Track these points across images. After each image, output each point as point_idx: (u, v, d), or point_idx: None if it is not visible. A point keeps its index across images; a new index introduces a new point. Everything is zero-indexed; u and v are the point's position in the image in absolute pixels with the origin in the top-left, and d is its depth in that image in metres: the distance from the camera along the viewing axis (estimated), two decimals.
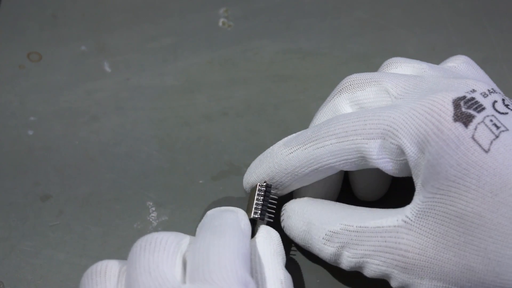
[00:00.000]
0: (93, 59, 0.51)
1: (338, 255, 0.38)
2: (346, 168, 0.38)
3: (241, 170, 0.45)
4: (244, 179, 0.41)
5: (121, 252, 0.42)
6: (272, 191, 0.40)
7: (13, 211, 0.44)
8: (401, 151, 0.36)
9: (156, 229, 0.43)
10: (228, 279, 0.32)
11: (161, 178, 0.45)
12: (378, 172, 0.42)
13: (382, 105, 0.38)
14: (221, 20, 0.53)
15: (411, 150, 0.35)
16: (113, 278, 0.34)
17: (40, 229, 0.43)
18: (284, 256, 0.38)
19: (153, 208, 0.44)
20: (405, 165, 0.36)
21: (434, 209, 0.35)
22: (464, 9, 0.54)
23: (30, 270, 0.42)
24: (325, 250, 0.38)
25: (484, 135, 0.34)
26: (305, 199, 0.40)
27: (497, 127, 0.34)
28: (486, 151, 0.34)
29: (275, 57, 0.51)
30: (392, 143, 0.36)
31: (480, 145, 0.34)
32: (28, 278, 0.41)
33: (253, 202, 0.40)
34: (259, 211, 0.39)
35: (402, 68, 0.41)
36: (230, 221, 0.36)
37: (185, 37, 0.52)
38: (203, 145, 0.47)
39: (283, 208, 0.41)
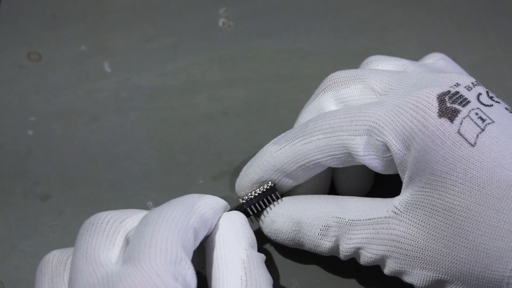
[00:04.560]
0: (93, 59, 0.51)
1: (334, 248, 0.38)
2: (332, 165, 0.38)
3: (241, 170, 0.45)
4: (236, 183, 0.41)
5: None
6: (273, 194, 0.40)
7: (13, 211, 0.44)
8: (387, 148, 0.36)
9: None
10: (155, 259, 0.32)
11: (161, 178, 0.45)
12: (361, 170, 0.42)
13: (368, 102, 0.38)
14: (221, 20, 0.53)
15: (396, 147, 0.35)
16: (60, 266, 0.35)
17: (40, 229, 0.43)
18: (251, 237, 0.37)
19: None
20: (391, 161, 0.37)
21: (423, 202, 0.35)
22: (464, 9, 0.54)
23: (30, 270, 0.42)
24: (322, 245, 0.38)
25: (469, 129, 0.34)
26: (286, 199, 0.40)
27: (483, 120, 0.35)
28: (473, 145, 0.34)
29: (275, 57, 0.51)
30: (378, 140, 0.36)
31: (466, 139, 0.34)
32: (28, 278, 0.41)
33: (250, 192, 0.40)
34: (247, 200, 0.40)
35: (383, 65, 0.41)
36: (181, 199, 0.36)
37: (185, 37, 0.52)
38: (203, 145, 0.47)
39: (262, 215, 0.40)
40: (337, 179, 0.42)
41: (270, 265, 0.42)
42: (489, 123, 0.34)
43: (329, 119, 0.38)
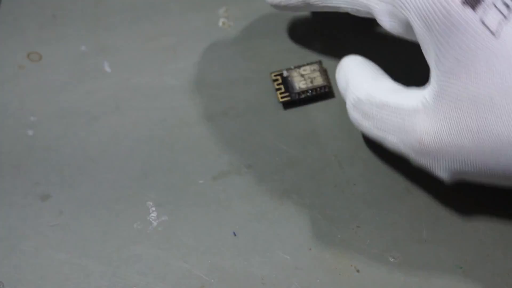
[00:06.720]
0: (93, 59, 0.51)
1: (360, 122, 0.40)
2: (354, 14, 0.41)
3: (241, 170, 0.45)
4: None
5: (121, 252, 0.42)
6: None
7: (13, 211, 0.44)
8: (409, 23, 0.37)
9: (156, 229, 0.43)
10: None
11: (161, 178, 0.45)
12: None
13: None
14: (221, 20, 0.53)
15: (418, 25, 0.36)
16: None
17: (40, 229, 0.43)
18: None
19: (153, 208, 0.44)
20: (411, 29, 0.38)
21: (449, 92, 0.35)
22: None
23: (30, 270, 0.42)
24: (351, 113, 0.40)
25: (493, 18, 0.34)
26: (352, 57, 0.42)
27: (508, 7, 0.34)
28: (495, 35, 0.34)
29: (275, 57, 0.51)
30: (401, 13, 0.37)
31: (489, 29, 0.34)
32: (28, 278, 0.41)
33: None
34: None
35: None
36: None
37: (185, 37, 0.52)
38: (203, 145, 0.47)
39: (340, 63, 0.43)
40: None
41: (269, 264, 0.42)
42: None
43: None
